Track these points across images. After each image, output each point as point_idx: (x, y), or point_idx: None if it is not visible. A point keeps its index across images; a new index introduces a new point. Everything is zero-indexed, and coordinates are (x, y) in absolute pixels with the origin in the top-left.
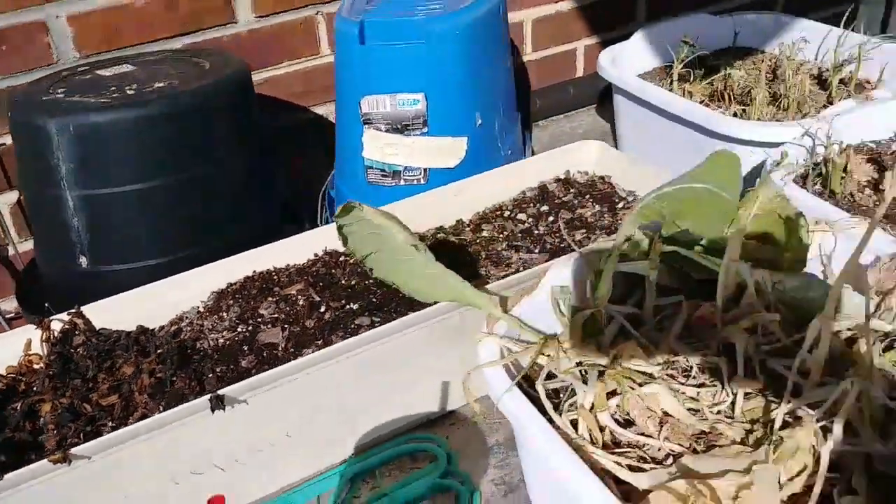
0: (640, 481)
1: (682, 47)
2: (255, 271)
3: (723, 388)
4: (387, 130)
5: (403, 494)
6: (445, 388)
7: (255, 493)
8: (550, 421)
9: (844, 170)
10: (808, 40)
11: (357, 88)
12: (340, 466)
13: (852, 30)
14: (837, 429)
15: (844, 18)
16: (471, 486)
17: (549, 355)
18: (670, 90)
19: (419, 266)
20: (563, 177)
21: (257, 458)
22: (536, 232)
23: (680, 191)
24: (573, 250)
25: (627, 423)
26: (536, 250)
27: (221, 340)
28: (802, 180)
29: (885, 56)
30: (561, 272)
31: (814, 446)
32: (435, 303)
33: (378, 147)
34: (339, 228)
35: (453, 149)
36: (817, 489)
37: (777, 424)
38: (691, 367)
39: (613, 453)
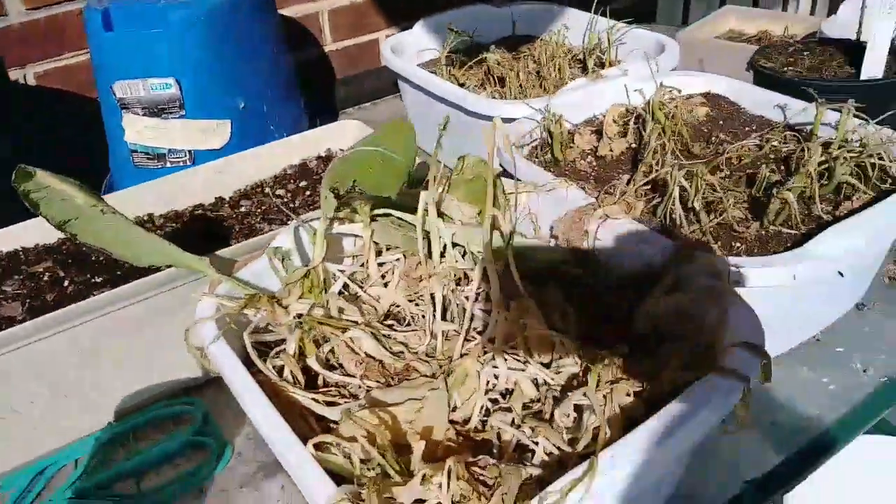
0: (332, 413)
1: (450, 35)
2: (1, 251)
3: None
4: (144, 114)
5: (156, 452)
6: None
7: (9, 461)
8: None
9: (572, 140)
10: (569, 27)
11: (110, 74)
12: (99, 432)
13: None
14: (498, 359)
15: (595, 7)
16: (223, 441)
17: (265, 310)
18: (441, 75)
19: (122, 230)
20: (324, 154)
21: (3, 426)
22: (293, 205)
23: (358, 153)
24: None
25: (342, 368)
26: (290, 222)
27: None
28: (537, 150)
29: (631, 39)
30: (286, 238)
31: (478, 372)
32: (157, 268)
33: (137, 131)
34: (25, 195)
35: (217, 131)
36: (476, 409)
37: (455, 356)
38: (405, 316)
39: (318, 392)
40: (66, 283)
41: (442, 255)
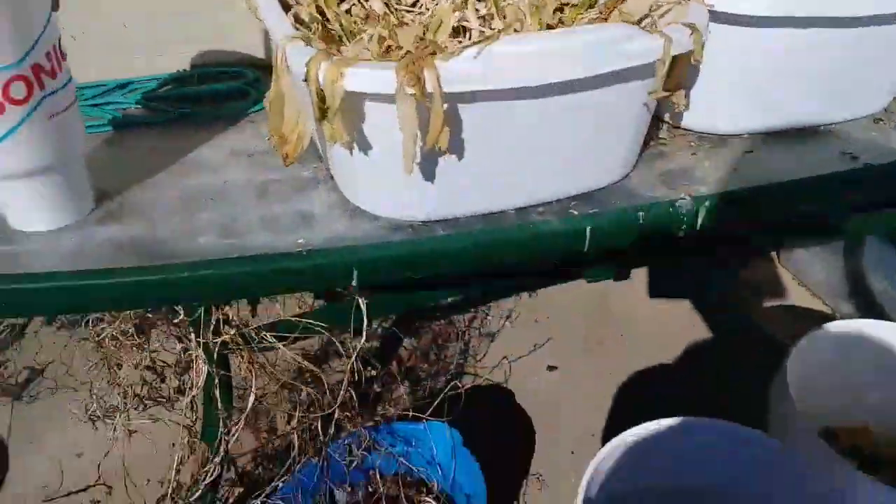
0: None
1: None
2: None
3: None
4: None
5: (211, 89)
6: None
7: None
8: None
9: None
10: None
11: None
12: (175, 72)
13: None
14: (470, 13)
15: None
16: (263, 94)
17: None
18: None
19: None
20: None
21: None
22: None
23: None
24: None
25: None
26: None
27: None
28: None
29: None
30: None
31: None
32: None
33: None
34: None
35: None
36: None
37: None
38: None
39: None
40: None
41: None
